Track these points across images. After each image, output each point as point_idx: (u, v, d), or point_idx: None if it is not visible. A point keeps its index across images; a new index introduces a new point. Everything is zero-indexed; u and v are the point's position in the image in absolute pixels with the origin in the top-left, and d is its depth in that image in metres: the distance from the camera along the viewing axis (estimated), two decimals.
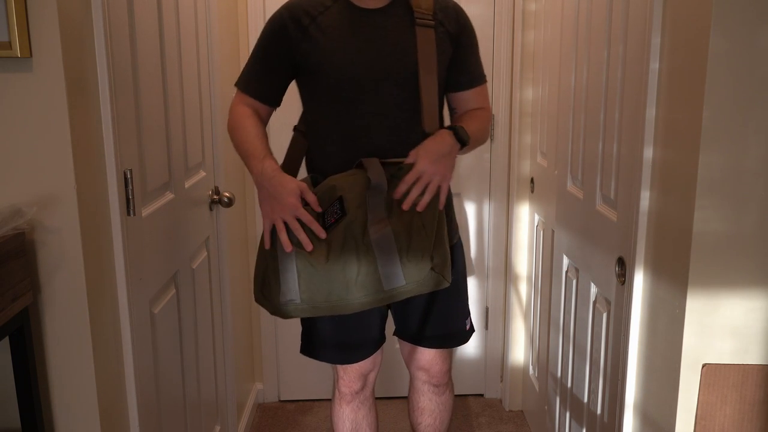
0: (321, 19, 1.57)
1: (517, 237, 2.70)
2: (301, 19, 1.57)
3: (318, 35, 1.57)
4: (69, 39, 1.19)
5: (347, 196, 1.50)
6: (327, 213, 1.51)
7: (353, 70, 1.56)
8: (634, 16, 1.41)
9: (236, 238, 2.51)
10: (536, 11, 2.47)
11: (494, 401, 2.90)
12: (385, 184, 1.50)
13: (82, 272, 1.24)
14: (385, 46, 1.57)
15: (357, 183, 1.51)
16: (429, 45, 1.58)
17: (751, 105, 1.12)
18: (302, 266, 1.48)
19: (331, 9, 1.58)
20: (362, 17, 1.58)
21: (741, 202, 1.15)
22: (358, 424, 1.89)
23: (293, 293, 1.49)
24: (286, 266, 1.49)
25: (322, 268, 1.47)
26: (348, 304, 1.50)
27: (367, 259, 1.47)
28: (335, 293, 1.48)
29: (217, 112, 2.15)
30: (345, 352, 1.77)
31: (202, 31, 2.02)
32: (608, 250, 1.55)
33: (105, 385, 1.32)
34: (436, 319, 1.76)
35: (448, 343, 1.81)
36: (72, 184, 1.21)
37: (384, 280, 1.48)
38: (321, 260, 1.47)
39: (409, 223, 1.49)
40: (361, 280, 1.47)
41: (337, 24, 1.57)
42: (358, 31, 1.57)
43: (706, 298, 1.19)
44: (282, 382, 2.90)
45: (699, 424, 1.22)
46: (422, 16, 1.58)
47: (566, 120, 1.93)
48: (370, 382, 1.86)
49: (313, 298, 1.49)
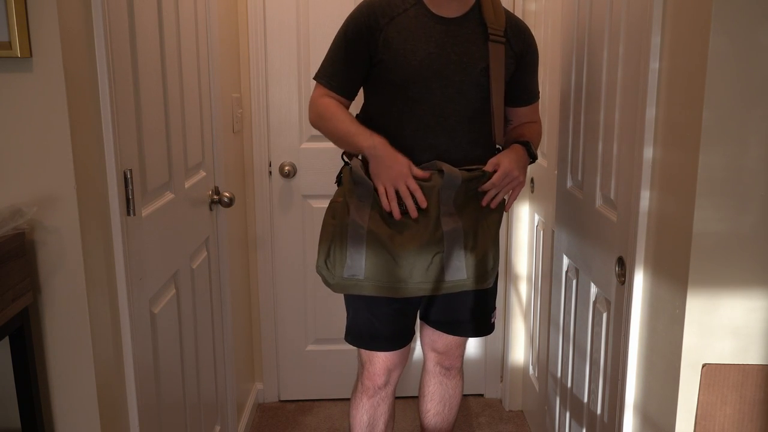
0: (398, 20, 1.66)
1: (517, 237, 2.70)
2: (379, 19, 1.66)
3: (394, 35, 1.65)
4: (69, 39, 1.19)
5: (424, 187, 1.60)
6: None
7: (422, 72, 1.64)
8: (634, 16, 1.41)
9: (236, 238, 2.51)
10: (536, 11, 2.47)
11: (494, 401, 2.90)
12: (458, 179, 1.60)
13: (82, 272, 1.24)
14: (455, 54, 1.65)
15: (432, 178, 1.61)
16: (499, 58, 1.67)
17: (751, 105, 1.12)
18: (373, 244, 1.58)
19: (409, 12, 1.66)
20: (437, 24, 1.66)
21: (741, 202, 1.15)
22: (376, 419, 1.92)
23: (358, 269, 1.60)
24: (356, 244, 1.59)
25: (396, 254, 1.58)
26: (408, 288, 1.61)
27: (436, 248, 1.59)
28: (398, 276, 1.59)
29: (217, 112, 2.15)
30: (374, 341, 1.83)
31: (202, 32, 2.02)
32: (608, 250, 1.55)
33: (105, 385, 1.32)
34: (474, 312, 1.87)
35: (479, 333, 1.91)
36: (72, 184, 1.21)
37: (447, 271, 1.61)
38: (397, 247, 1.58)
39: (475, 222, 1.64)
40: (426, 268, 1.59)
41: (413, 27, 1.65)
42: (431, 36, 1.65)
43: (706, 297, 1.19)
44: (282, 382, 2.90)
45: (699, 424, 1.22)
46: (495, 32, 1.67)
47: (566, 120, 1.93)
48: (393, 380, 1.91)
49: (377, 277, 1.60)
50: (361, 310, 1.79)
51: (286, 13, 2.59)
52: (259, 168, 2.68)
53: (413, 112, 1.66)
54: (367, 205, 1.62)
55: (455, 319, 1.87)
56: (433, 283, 1.61)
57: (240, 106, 2.58)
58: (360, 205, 1.62)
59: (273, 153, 2.69)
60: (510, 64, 1.71)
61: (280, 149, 2.69)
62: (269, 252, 2.75)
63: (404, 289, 1.61)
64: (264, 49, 2.60)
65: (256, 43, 2.59)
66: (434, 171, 1.63)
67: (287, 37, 2.60)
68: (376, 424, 1.93)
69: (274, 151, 2.69)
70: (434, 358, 1.97)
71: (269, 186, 2.71)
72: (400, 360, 1.87)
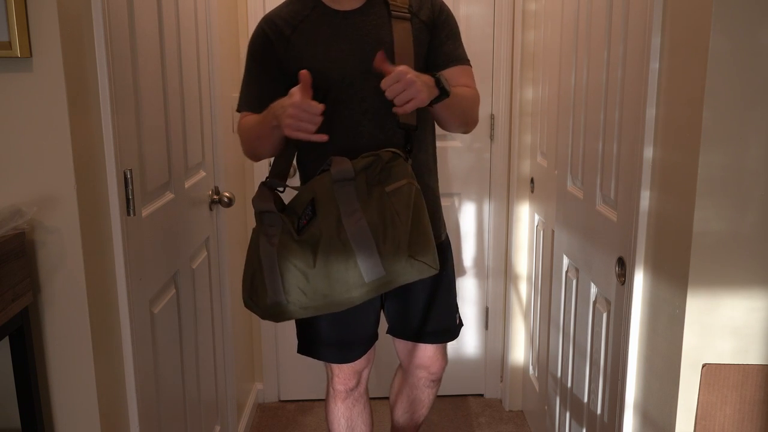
0: (302, 27, 1.62)
1: (517, 237, 2.70)
2: (282, 30, 1.64)
3: (301, 43, 1.62)
4: (69, 39, 1.19)
5: (317, 195, 1.52)
6: (301, 217, 1.54)
7: (337, 72, 1.60)
8: (634, 16, 1.41)
9: (236, 238, 2.51)
10: (536, 11, 2.47)
11: (494, 401, 2.90)
12: (350, 172, 1.50)
13: (82, 272, 1.24)
14: (365, 45, 1.60)
15: (325, 181, 1.52)
16: (405, 37, 1.61)
17: (751, 105, 1.12)
18: (286, 268, 1.50)
19: (310, 16, 1.63)
20: (341, 19, 1.62)
21: (741, 202, 1.15)
22: (353, 421, 1.90)
23: (279, 294, 1.52)
24: (270, 269, 1.52)
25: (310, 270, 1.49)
26: (334, 302, 1.51)
27: (345, 254, 1.48)
28: (320, 292, 1.50)
29: (217, 112, 2.15)
30: (341, 351, 1.79)
31: (202, 32, 2.02)
32: (608, 250, 1.55)
33: (105, 385, 1.32)
34: (435, 315, 1.80)
35: (445, 337, 1.86)
36: (72, 184, 1.21)
37: (364, 273, 1.48)
38: (309, 263, 1.49)
39: (381, 211, 1.49)
40: (343, 276, 1.49)
41: (318, 29, 1.62)
42: (338, 33, 1.61)
43: (707, 297, 1.19)
44: (282, 382, 2.90)
45: (699, 424, 1.22)
46: (397, 9, 1.63)
47: (566, 120, 1.93)
48: (363, 379, 1.88)
49: (300, 298, 1.51)
50: (316, 321, 1.74)
51: None
52: (259, 168, 2.67)
53: (341, 113, 1.61)
54: (277, 230, 1.54)
55: (413, 325, 1.81)
56: (358, 289, 1.50)
57: None
58: (270, 230, 1.55)
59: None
60: (422, 37, 1.64)
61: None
62: None
63: (331, 303, 1.52)
64: None
65: None
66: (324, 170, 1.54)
67: None
68: (355, 425, 1.91)
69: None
70: (422, 374, 1.91)
71: None
72: (368, 361, 1.84)
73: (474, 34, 2.60)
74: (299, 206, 1.54)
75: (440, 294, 1.79)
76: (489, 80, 2.63)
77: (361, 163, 1.51)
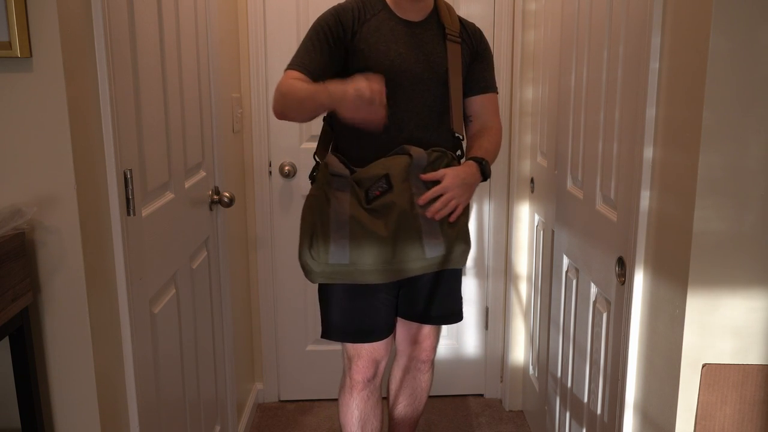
0: (370, 23, 1.77)
1: (517, 237, 2.70)
2: (353, 22, 1.76)
3: (366, 35, 1.75)
4: (69, 39, 1.19)
5: (392, 172, 1.67)
6: (371, 188, 1.68)
7: (394, 70, 1.73)
8: (634, 16, 1.41)
9: (236, 238, 2.51)
10: (536, 11, 2.47)
11: (494, 401, 2.90)
12: (425, 159, 1.70)
13: (82, 272, 1.24)
14: (421, 54, 1.78)
15: (401, 162, 1.69)
16: (456, 58, 1.82)
17: (752, 105, 1.12)
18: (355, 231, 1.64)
19: (378, 15, 1.79)
20: (404, 27, 1.79)
21: (741, 202, 1.15)
22: (367, 414, 1.93)
23: (343, 255, 1.65)
24: (339, 229, 1.64)
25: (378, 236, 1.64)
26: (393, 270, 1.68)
27: (414, 229, 1.66)
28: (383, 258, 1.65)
29: (217, 112, 2.15)
30: (362, 333, 1.86)
31: (202, 32, 2.02)
32: (608, 250, 1.55)
33: (105, 385, 1.32)
34: (440, 299, 1.92)
35: (449, 320, 1.98)
36: (72, 184, 1.21)
37: (427, 249, 1.68)
38: (378, 230, 1.64)
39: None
40: (407, 249, 1.66)
41: (383, 29, 1.77)
42: (400, 37, 1.78)
43: (707, 297, 1.19)
44: (282, 382, 2.90)
45: (699, 424, 1.22)
46: (452, 33, 1.83)
47: (566, 120, 1.93)
48: (380, 372, 1.94)
49: (363, 261, 1.65)
50: (341, 303, 1.83)
51: (286, 13, 2.59)
52: (259, 168, 2.68)
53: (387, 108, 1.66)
54: (347, 195, 1.67)
55: (422, 308, 1.92)
56: (415, 262, 1.68)
57: (240, 106, 2.58)
58: (339, 194, 1.67)
59: (273, 153, 2.69)
60: (465, 60, 1.85)
61: (280, 149, 2.69)
62: (269, 252, 2.75)
63: (389, 271, 1.67)
64: (264, 49, 2.60)
65: (256, 43, 2.59)
66: (403, 155, 1.71)
67: (287, 37, 2.59)
68: (368, 419, 1.94)
69: (274, 151, 2.69)
70: (409, 353, 2.02)
71: (269, 186, 2.71)
72: (386, 350, 1.91)
73: None
74: (367, 180, 1.68)
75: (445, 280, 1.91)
76: None
77: (432, 156, 1.72)
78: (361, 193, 1.67)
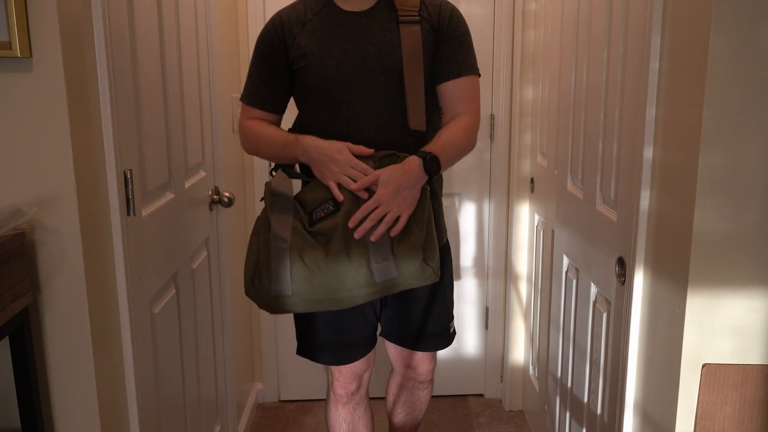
0: (310, 25, 1.64)
1: (517, 237, 2.70)
2: (292, 28, 1.64)
3: (307, 40, 1.62)
4: (69, 39, 1.19)
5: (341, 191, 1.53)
6: (316, 210, 1.54)
7: (340, 71, 1.60)
8: (634, 16, 1.41)
9: (236, 238, 2.51)
10: (536, 11, 2.47)
11: (494, 401, 2.90)
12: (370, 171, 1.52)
13: (82, 272, 1.24)
14: (371, 46, 1.60)
15: None
16: (414, 41, 1.59)
17: (752, 105, 1.12)
18: (295, 258, 1.50)
19: (319, 14, 1.64)
20: (348, 20, 1.63)
21: (741, 202, 1.15)
22: (355, 425, 1.89)
23: (285, 285, 1.50)
24: (279, 259, 1.51)
25: (321, 263, 1.49)
26: (340, 298, 1.51)
27: (360, 252, 1.48)
28: (328, 285, 1.49)
29: (217, 112, 2.15)
30: (340, 353, 1.78)
31: (202, 32, 2.02)
32: (608, 250, 1.55)
33: (105, 385, 1.32)
34: (431, 322, 1.79)
35: (439, 345, 1.85)
36: (72, 184, 1.21)
37: (376, 273, 1.49)
38: (321, 256, 1.49)
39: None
40: (353, 274, 1.49)
41: (325, 28, 1.63)
42: (345, 33, 1.62)
43: (707, 297, 1.19)
44: (282, 382, 2.90)
45: (699, 424, 1.22)
46: (406, 13, 1.62)
47: (566, 120, 1.93)
48: (364, 383, 1.87)
49: (306, 291, 1.50)
50: (315, 323, 1.74)
51: None
52: (259, 168, 2.67)
53: (340, 113, 1.62)
54: (289, 217, 1.53)
55: (410, 331, 1.80)
56: (364, 288, 1.50)
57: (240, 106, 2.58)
58: (281, 218, 1.54)
59: None
60: (428, 41, 1.62)
61: None
62: None
63: (336, 299, 1.50)
64: None
65: None
66: None
67: None
68: (356, 430, 1.90)
69: None
70: (404, 373, 1.93)
71: None
72: (368, 363, 1.83)
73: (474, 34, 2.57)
74: (312, 201, 1.55)
75: (437, 301, 1.78)
76: (489, 80, 2.63)
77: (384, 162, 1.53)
78: (304, 216, 1.53)
